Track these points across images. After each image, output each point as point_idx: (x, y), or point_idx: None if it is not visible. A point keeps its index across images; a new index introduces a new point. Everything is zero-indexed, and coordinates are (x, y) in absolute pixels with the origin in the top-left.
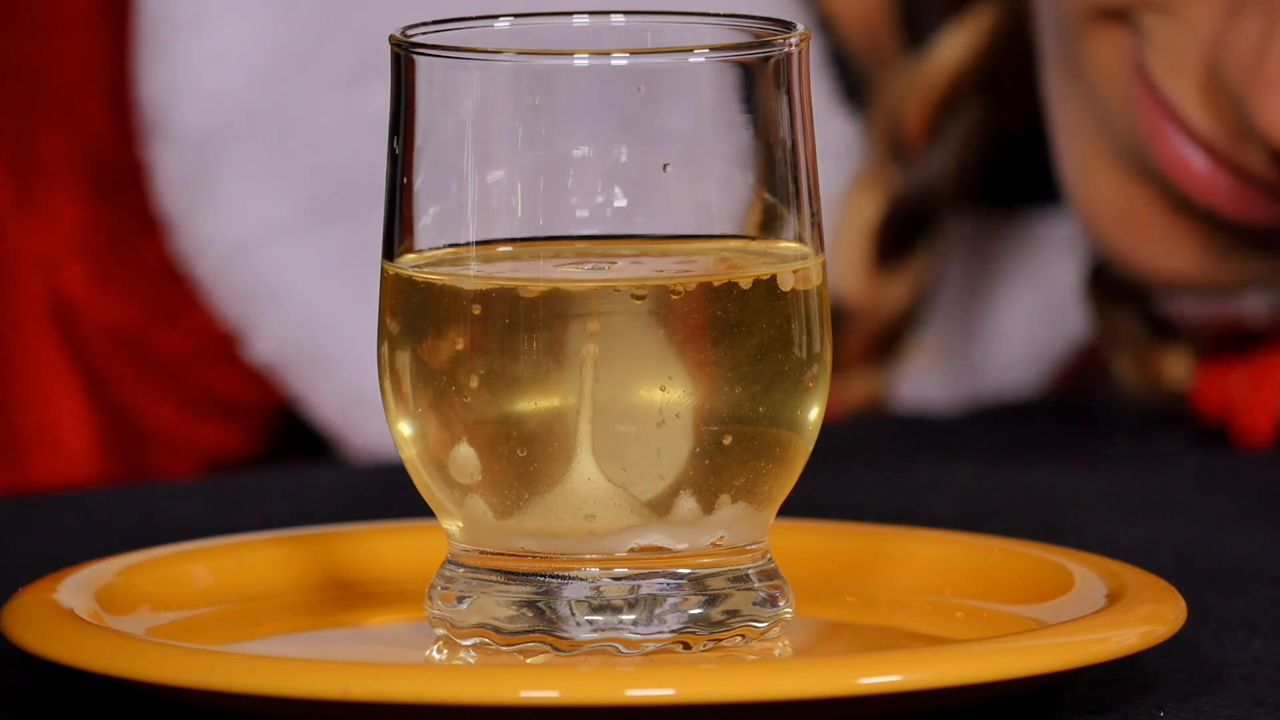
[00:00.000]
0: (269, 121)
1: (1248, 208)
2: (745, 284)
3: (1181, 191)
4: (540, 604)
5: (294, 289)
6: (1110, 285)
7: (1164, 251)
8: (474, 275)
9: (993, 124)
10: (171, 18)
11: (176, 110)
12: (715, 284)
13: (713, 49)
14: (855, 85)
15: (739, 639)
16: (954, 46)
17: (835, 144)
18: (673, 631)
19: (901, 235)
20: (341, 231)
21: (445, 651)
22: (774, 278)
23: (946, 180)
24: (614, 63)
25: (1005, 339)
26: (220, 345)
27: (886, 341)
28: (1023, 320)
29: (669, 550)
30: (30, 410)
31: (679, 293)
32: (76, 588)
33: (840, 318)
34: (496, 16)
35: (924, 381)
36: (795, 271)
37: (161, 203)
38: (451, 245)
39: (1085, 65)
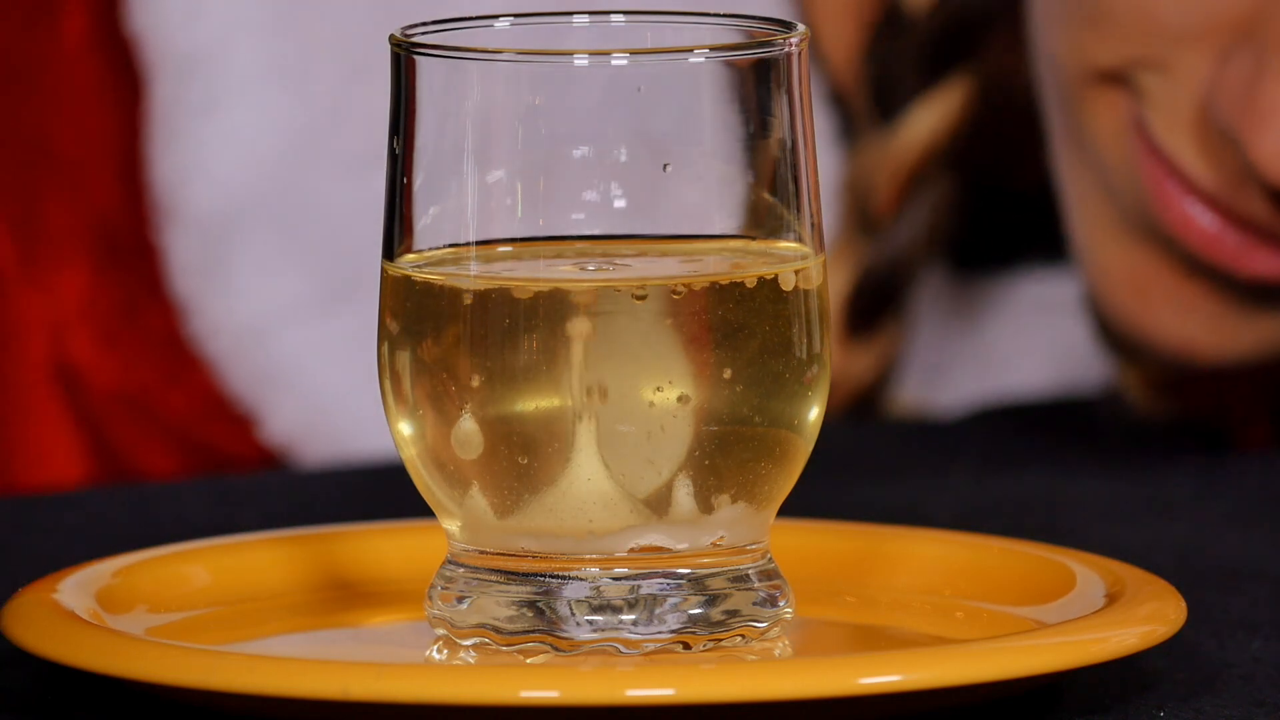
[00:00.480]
0: (281, 205)
1: (1256, 263)
2: (745, 284)
3: (1189, 251)
4: (540, 604)
5: (307, 370)
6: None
7: (1177, 320)
8: (474, 275)
9: (962, 197)
10: (184, 101)
11: (189, 194)
12: (715, 284)
13: (713, 49)
14: (848, 125)
15: (739, 639)
16: (925, 122)
17: (826, 181)
18: (673, 631)
19: (871, 306)
20: (354, 313)
21: (445, 651)
22: (774, 278)
23: (915, 252)
24: (614, 63)
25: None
26: (227, 407)
27: (860, 410)
28: (991, 382)
29: (669, 550)
30: (33, 473)
31: (679, 293)
32: (76, 588)
33: None
34: (496, 16)
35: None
36: (795, 272)
37: (175, 286)
38: (451, 245)
39: (1087, 132)
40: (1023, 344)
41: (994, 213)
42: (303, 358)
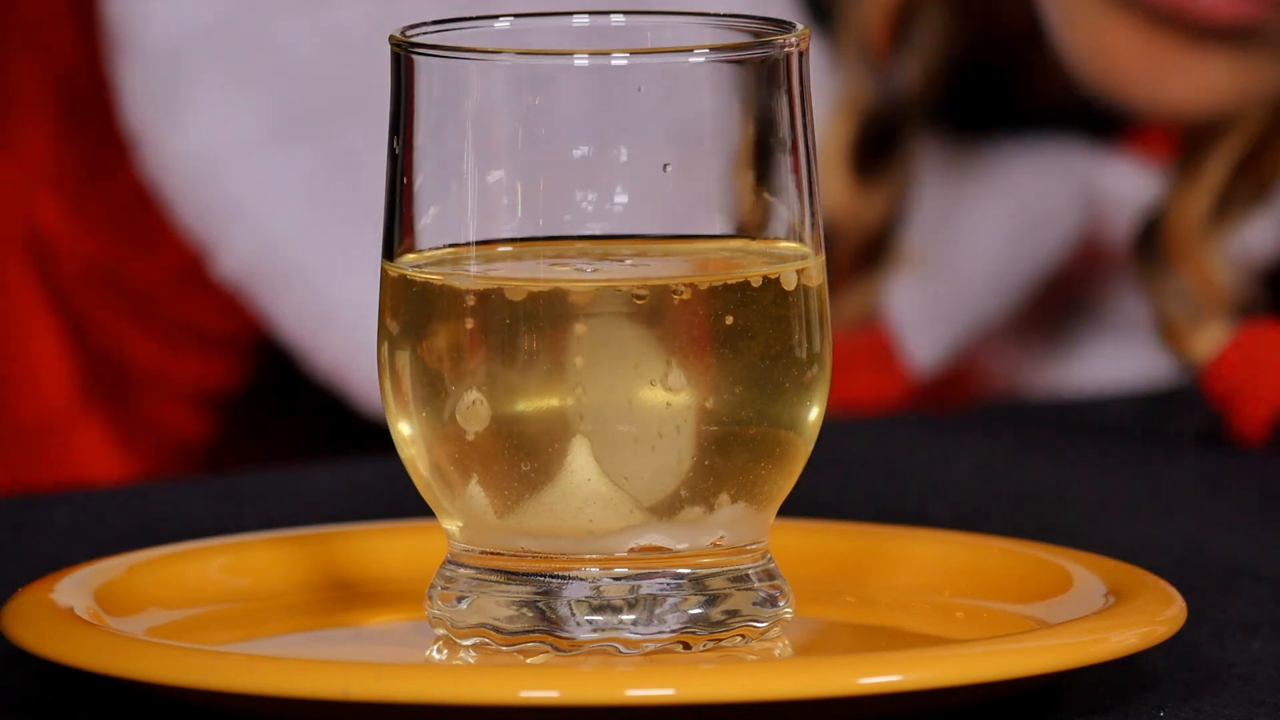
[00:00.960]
0: (235, 38)
1: (1216, 5)
2: (745, 284)
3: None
4: (540, 604)
5: (260, 205)
6: (1157, 250)
7: (1148, 78)
8: (474, 275)
9: (954, 36)
10: None
11: (143, 27)
12: (715, 284)
13: (713, 49)
14: (824, 10)
15: (739, 639)
16: None
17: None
18: (673, 631)
19: (877, 149)
20: (308, 149)
21: (445, 651)
22: (774, 278)
23: (913, 91)
24: (614, 63)
25: (977, 260)
26: (194, 273)
27: (872, 253)
28: (994, 241)
29: (669, 550)
30: (9, 350)
31: (679, 293)
32: (76, 588)
33: (828, 235)
34: (496, 16)
35: (906, 298)
36: (796, 272)
37: (129, 120)
38: (451, 245)
39: None
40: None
41: (987, 72)
42: (257, 192)
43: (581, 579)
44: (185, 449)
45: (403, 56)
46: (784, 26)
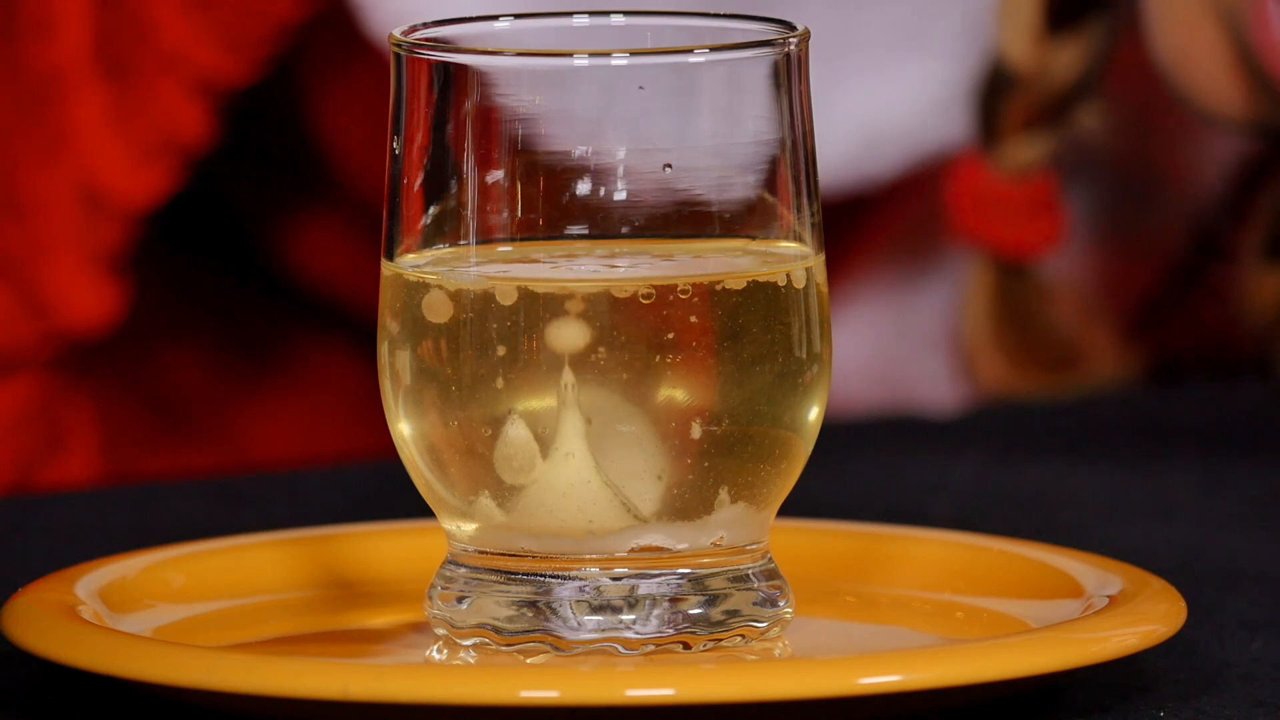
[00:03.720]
0: None
1: None
2: (745, 284)
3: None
4: (540, 604)
5: None
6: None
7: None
8: (474, 275)
9: None
10: None
11: None
12: (715, 284)
13: (713, 49)
14: None
15: (739, 639)
16: None
17: None
18: (673, 631)
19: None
20: None
21: (445, 651)
22: (774, 278)
23: None
24: (614, 63)
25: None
26: None
27: (1051, 112)
28: None
29: (669, 550)
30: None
31: (679, 293)
32: (76, 588)
33: (1005, 83)
34: (496, 16)
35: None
36: (795, 272)
37: None
38: (451, 245)
39: None
40: None
41: None
42: None
43: (581, 579)
44: (179, 148)
45: (403, 56)
46: (785, 27)
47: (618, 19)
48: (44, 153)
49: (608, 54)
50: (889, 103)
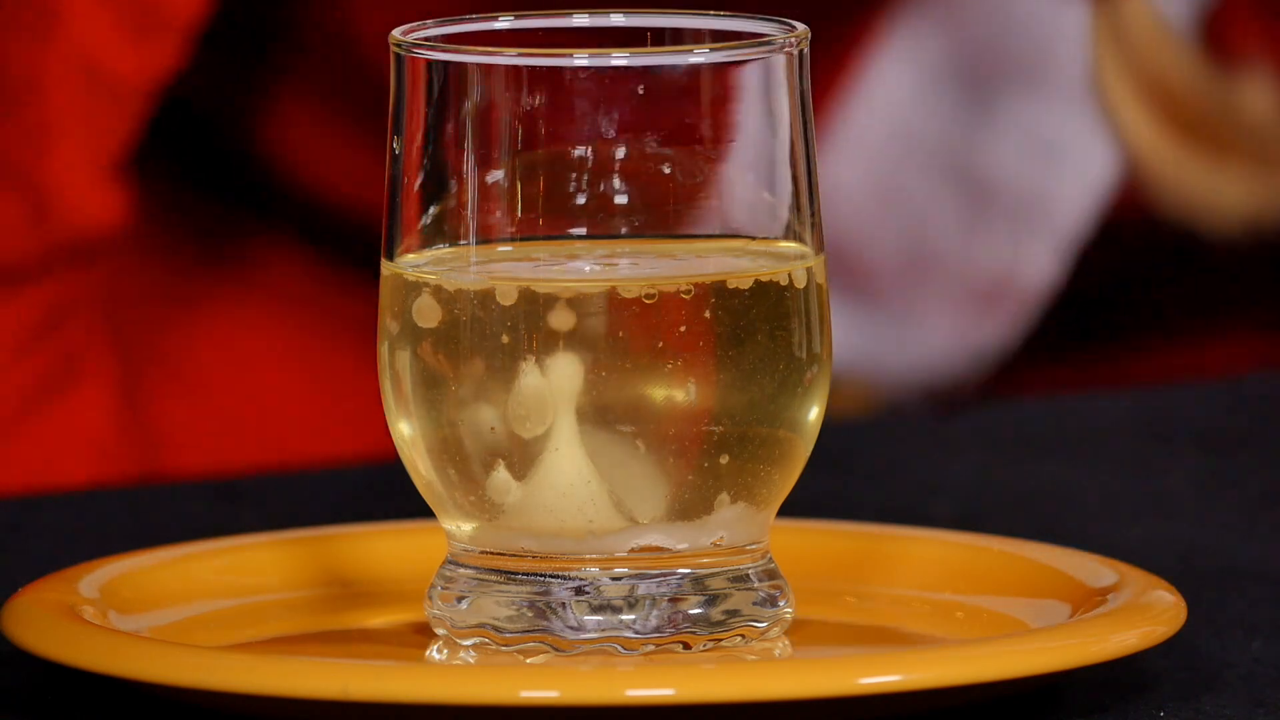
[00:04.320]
0: None
1: None
2: (745, 284)
3: None
4: (540, 604)
5: None
6: None
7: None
8: (473, 275)
9: None
10: None
11: None
12: (715, 284)
13: (713, 48)
14: None
15: (739, 639)
16: None
17: None
18: (673, 631)
19: None
20: None
21: (445, 651)
22: (774, 278)
23: None
24: (614, 62)
25: None
26: None
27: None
28: None
29: (669, 550)
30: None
31: (679, 293)
32: (76, 588)
33: None
34: (496, 16)
35: None
36: (796, 272)
37: None
38: (451, 245)
39: None
40: None
41: None
42: None
43: (581, 579)
44: (181, 26)
45: (403, 56)
46: (785, 26)
47: (618, 18)
48: (36, 33)
49: (608, 53)
50: None
